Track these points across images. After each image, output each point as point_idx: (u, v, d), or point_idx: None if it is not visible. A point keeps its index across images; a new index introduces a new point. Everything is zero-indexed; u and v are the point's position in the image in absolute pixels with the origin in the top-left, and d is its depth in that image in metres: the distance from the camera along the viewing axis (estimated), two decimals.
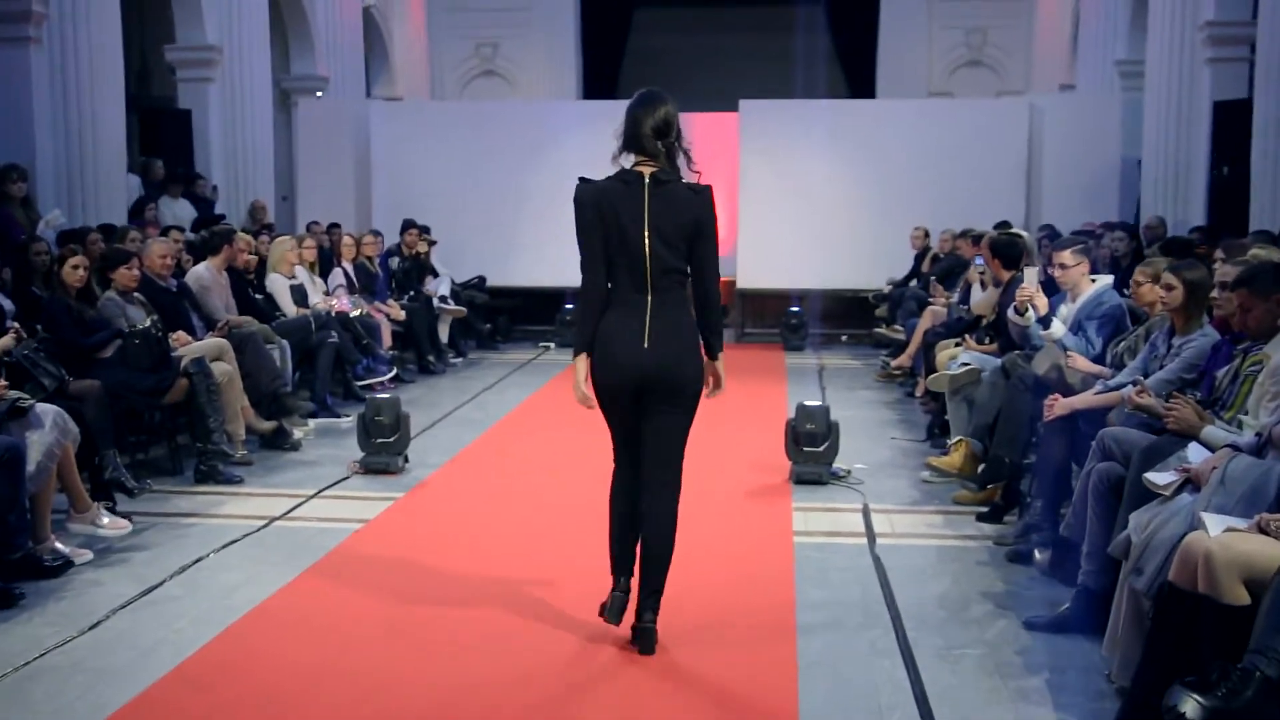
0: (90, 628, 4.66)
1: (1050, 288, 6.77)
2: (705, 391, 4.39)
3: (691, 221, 4.21)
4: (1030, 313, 6.44)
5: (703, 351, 4.36)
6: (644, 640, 4.35)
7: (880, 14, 19.65)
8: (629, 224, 4.18)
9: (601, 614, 4.43)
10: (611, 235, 4.20)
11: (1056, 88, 17.54)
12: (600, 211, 4.19)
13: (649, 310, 4.22)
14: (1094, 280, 6.46)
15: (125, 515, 6.00)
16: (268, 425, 7.88)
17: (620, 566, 4.44)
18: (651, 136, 4.20)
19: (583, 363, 4.30)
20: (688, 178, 4.29)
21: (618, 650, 4.39)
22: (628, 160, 4.26)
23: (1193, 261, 5.63)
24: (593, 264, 4.24)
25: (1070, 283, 6.49)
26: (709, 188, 4.29)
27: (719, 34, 20.72)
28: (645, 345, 4.20)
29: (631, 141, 4.24)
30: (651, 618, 4.35)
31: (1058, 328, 6.30)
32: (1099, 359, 6.04)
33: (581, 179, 4.28)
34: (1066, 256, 6.46)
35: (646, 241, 4.17)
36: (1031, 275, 6.57)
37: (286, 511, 6.40)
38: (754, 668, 4.29)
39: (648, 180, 4.20)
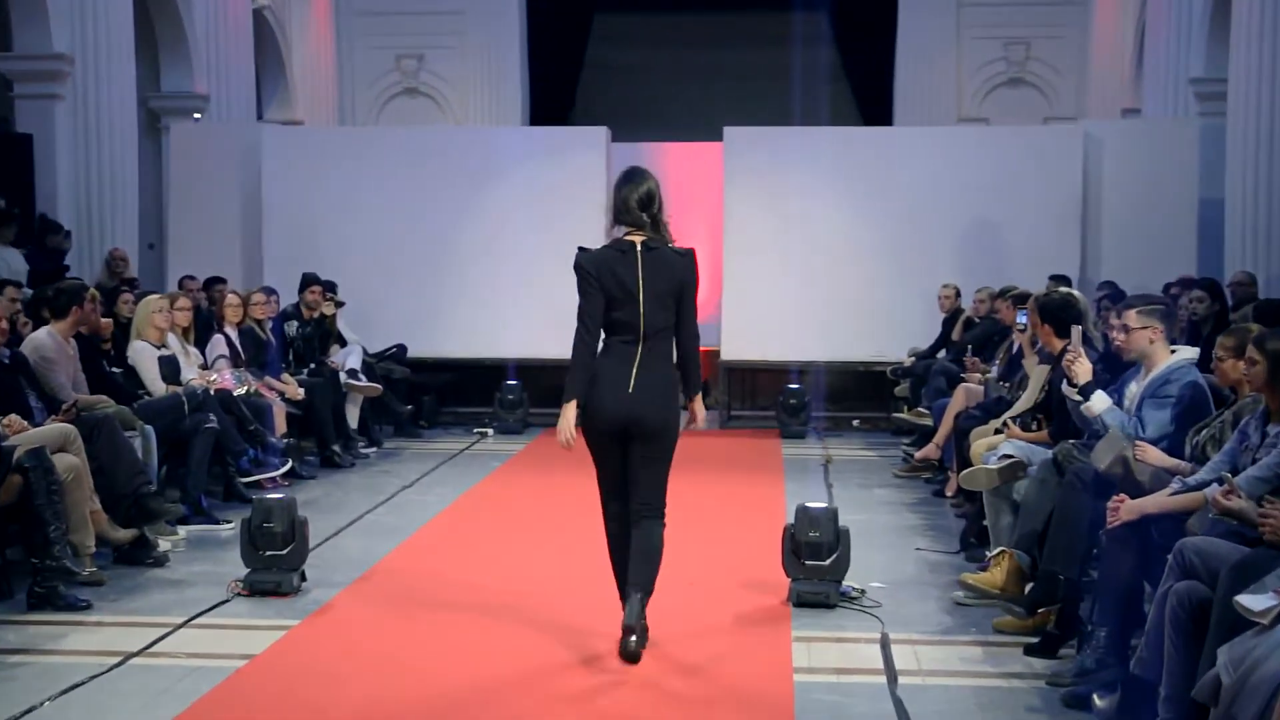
0: None
1: (1119, 362, 6.79)
2: (685, 427, 5.98)
3: (679, 280, 5.92)
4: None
5: (681, 396, 6.03)
6: (637, 637, 5.87)
7: (898, 23, 19.88)
8: (629, 286, 5.84)
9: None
10: (612, 296, 5.85)
11: (1118, 112, 17.85)
12: (600, 276, 5.85)
13: (638, 360, 5.89)
14: (1174, 351, 6.47)
15: None
16: (125, 534, 7.80)
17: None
18: (637, 209, 5.91)
19: (571, 410, 5.88)
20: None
21: None
22: (619, 231, 5.94)
23: None
24: (591, 321, 5.88)
25: (1136, 351, 6.48)
26: (692, 250, 5.98)
27: (699, 47, 20.91)
28: (630, 391, 5.86)
29: (621, 214, 5.94)
30: (640, 615, 5.92)
31: (1099, 401, 6.31)
32: (1174, 450, 6.04)
33: (580, 248, 5.93)
34: (1131, 317, 6.46)
35: (642, 301, 5.84)
36: (1076, 335, 6.61)
37: (147, 645, 6.31)
38: None
39: (639, 247, 5.88)
